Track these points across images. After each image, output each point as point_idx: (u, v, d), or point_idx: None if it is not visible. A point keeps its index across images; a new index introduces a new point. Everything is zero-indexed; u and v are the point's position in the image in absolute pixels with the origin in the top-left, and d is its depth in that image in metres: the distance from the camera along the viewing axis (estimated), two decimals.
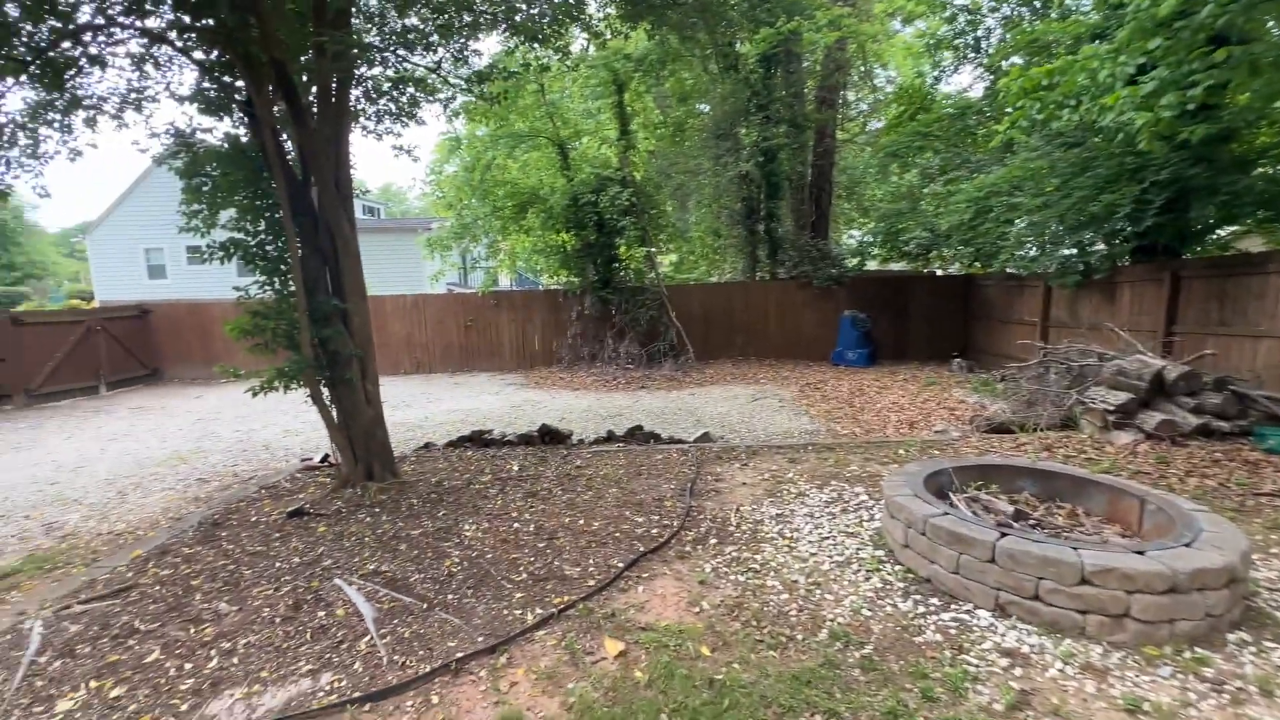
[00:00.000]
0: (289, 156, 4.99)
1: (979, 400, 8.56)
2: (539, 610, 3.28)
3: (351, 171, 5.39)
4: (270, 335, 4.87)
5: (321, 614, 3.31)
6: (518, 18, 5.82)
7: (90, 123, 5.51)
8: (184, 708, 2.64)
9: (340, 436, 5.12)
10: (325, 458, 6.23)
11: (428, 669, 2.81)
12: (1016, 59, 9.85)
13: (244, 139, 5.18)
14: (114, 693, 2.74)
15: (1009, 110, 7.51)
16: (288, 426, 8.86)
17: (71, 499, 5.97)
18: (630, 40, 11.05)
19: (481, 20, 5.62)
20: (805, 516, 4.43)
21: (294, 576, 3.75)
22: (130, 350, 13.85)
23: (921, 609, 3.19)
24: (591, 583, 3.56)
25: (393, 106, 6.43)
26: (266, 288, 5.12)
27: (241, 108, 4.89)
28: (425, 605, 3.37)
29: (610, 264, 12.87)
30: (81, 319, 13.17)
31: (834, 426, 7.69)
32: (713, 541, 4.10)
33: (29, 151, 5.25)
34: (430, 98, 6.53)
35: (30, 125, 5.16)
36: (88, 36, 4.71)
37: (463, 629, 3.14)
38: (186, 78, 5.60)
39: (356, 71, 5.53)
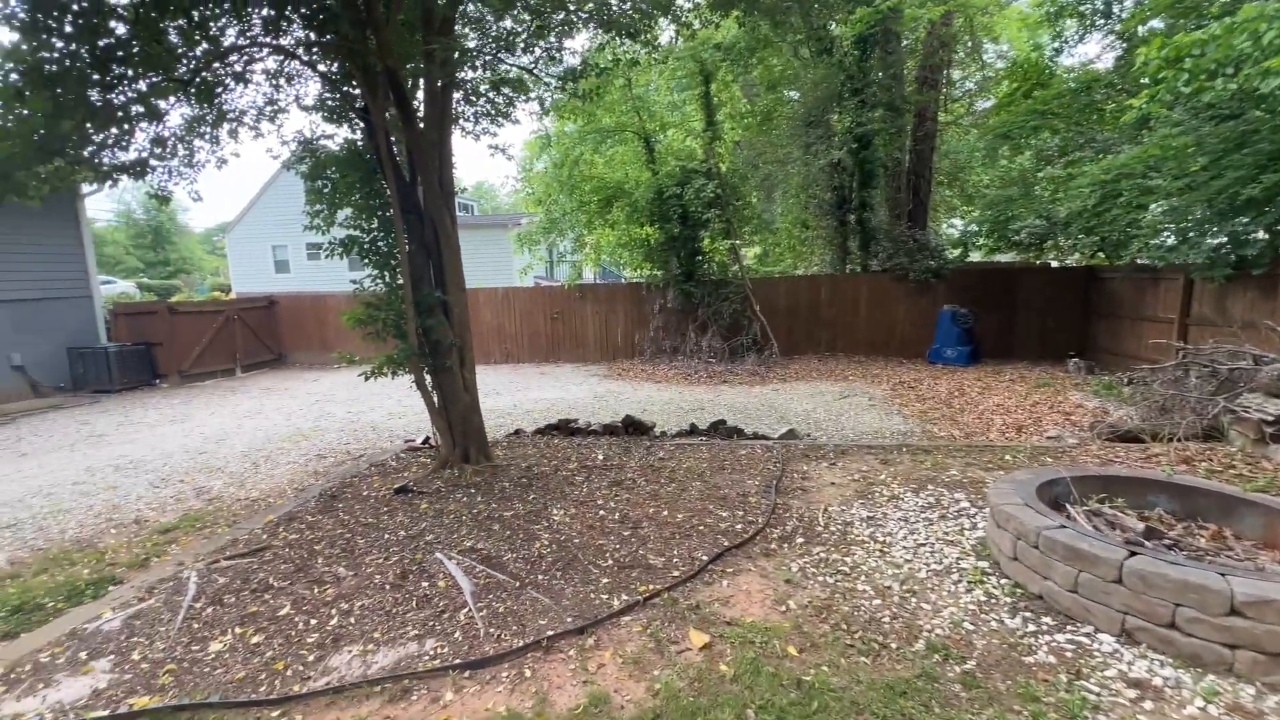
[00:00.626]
0: (398, 159, 5.35)
1: (1101, 405, 7.77)
2: (625, 596, 3.35)
3: (452, 171, 5.69)
4: (381, 325, 5.27)
5: (425, 584, 3.56)
6: (609, 14, 5.90)
7: (233, 134, 6.18)
8: (310, 658, 2.93)
9: (440, 420, 5.46)
10: (426, 440, 6.68)
11: (520, 644, 2.95)
12: (1156, 23, 8.77)
13: (359, 144, 5.63)
14: (254, 639, 3.10)
15: (1146, 81, 6.70)
16: (392, 410, 9.56)
17: (215, 467, 6.78)
18: (719, 29, 10.89)
19: (575, 18, 5.75)
20: (899, 521, 4.23)
21: (400, 548, 4.05)
22: (260, 337, 15.46)
23: (1032, 627, 2.95)
24: (676, 573, 3.59)
25: (489, 108, 6.74)
26: (378, 281, 5.55)
27: (358, 114, 5.31)
28: (517, 584, 3.53)
29: (694, 257, 12.82)
30: (222, 309, 14.85)
31: (930, 428, 7.26)
32: (799, 541, 4.01)
33: (185, 161, 5.96)
34: (524, 97, 6.77)
35: (187, 138, 5.86)
36: (233, 57, 5.27)
37: (552, 609, 3.27)
38: (310, 89, 6.16)
39: (458, 75, 5.83)
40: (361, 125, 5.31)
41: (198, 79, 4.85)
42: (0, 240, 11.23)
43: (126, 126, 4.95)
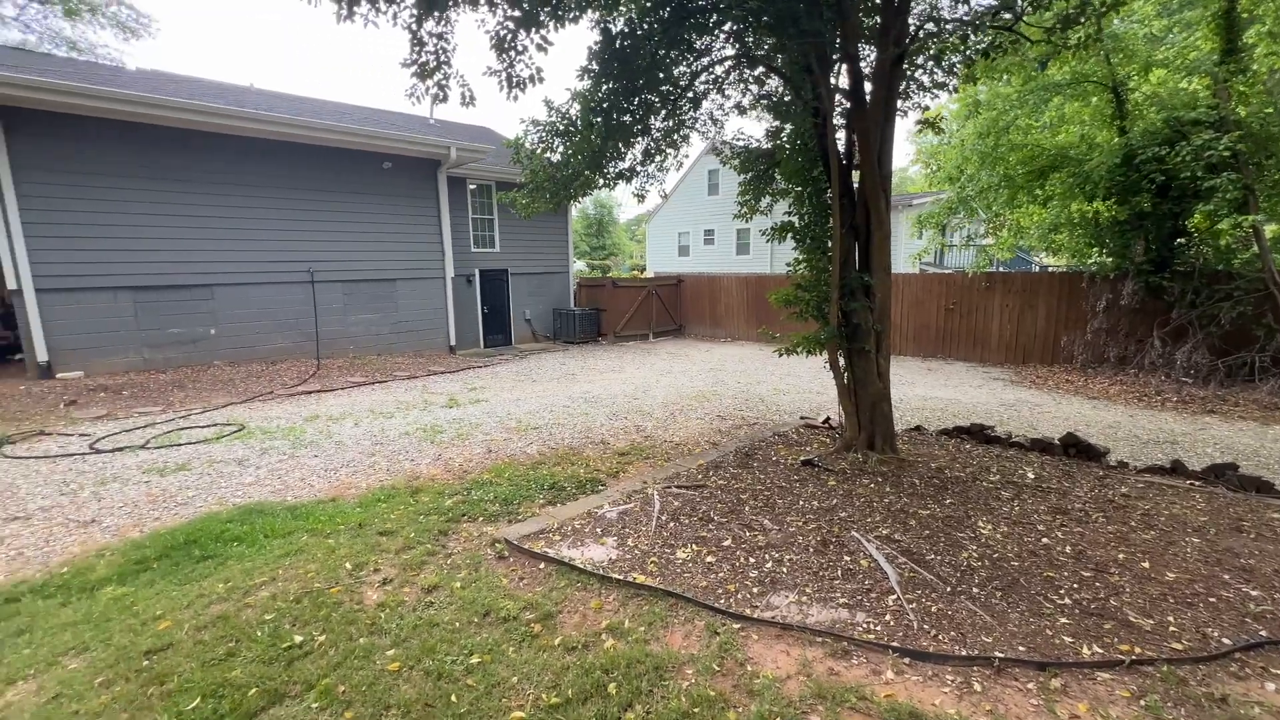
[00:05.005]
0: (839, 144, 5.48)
1: None
2: (1097, 649, 2.77)
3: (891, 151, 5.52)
4: (804, 306, 5.57)
5: (846, 559, 3.66)
6: None
7: (685, 139, 7.36)
8: (754, 590, 3.36)
9: (848, 403, 5.51)
10: (826, 420, 6.87)
11: (963, 653, 2.76)
12: None
13: (797, 135, 5.97)
14: (708, 559, 3.72)
15: None
16: (776, 386, 10.18)
17: (645, 411, 8.40)
18: None
19: None
20: None
21: (816, 518, 4.27)
22: (667, 309, 18.46)
23: None
24: (1177, 646, 2.79)
25: (929, 81, 6.29)
26: (802, 264, 5.86)
27: (805, 106, 5.61)
28: (948, 589, 3.31)
29: (1172, 239, 9.62)
30: (644, 285, 18.26)
31: None
32: None
33: (659, 165, 7.40)
34: (973, 57, 6.08)
35: (662, 146, 7.25)
36: (709, 70, 6.21)
37: (996, 629, 2.95)
38: (750, 91, 6.84)
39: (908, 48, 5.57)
40: (812, 114, 5.59)
41: (687, 93, 5.87)
42: (529, 234, 16.21)
43: (631, 142, 6.42)
